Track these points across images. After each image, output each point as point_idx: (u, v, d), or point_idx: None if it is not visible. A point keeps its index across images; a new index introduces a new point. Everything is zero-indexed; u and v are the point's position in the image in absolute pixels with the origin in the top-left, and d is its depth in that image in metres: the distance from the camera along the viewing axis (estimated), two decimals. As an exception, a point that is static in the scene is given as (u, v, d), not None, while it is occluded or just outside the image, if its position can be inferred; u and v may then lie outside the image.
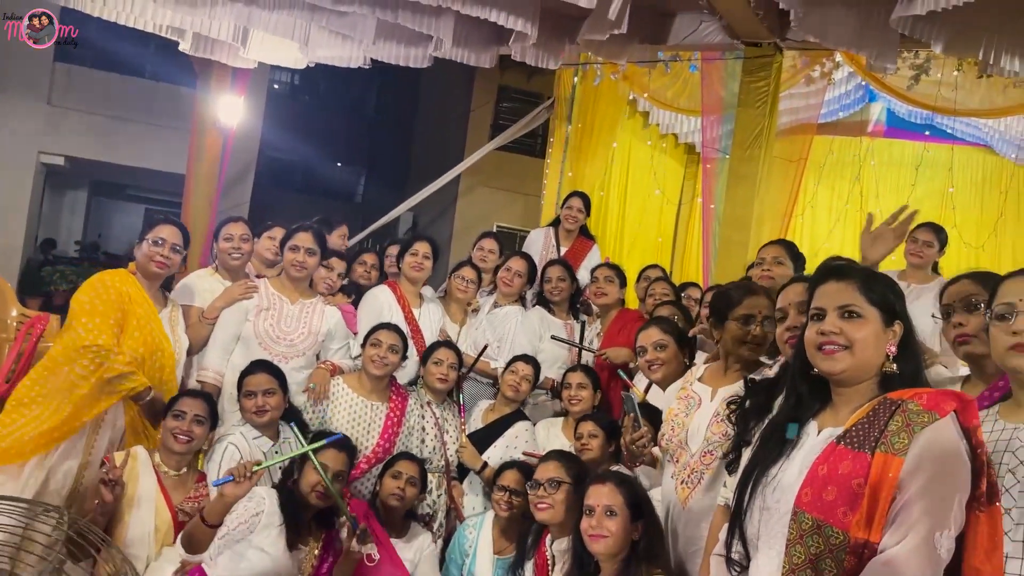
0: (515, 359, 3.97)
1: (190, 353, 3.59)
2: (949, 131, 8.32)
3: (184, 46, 7.23)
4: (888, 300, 1.71)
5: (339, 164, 19.19)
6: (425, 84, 15.39)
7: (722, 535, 1.86)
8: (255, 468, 2.76)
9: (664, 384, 3.00)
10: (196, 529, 2.80)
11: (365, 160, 19.69)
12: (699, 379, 2.71)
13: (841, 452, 1.59)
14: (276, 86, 16.33)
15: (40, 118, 11.93)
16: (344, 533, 2.97)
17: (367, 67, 7.24)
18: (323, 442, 2.94)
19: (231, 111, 9.19)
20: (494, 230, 12.58)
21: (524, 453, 3.66)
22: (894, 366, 1.68)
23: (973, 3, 3.80)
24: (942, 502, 1.48)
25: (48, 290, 11.89)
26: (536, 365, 3.95)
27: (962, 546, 1.52)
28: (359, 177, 20.28)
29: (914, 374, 1.69)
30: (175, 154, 12.17)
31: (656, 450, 2.85)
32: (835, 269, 1.79)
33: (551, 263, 4.63)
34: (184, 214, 9.34)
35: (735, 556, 1.77)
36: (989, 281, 2.04)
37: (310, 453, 2.85)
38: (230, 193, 11.59)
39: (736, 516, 1.77)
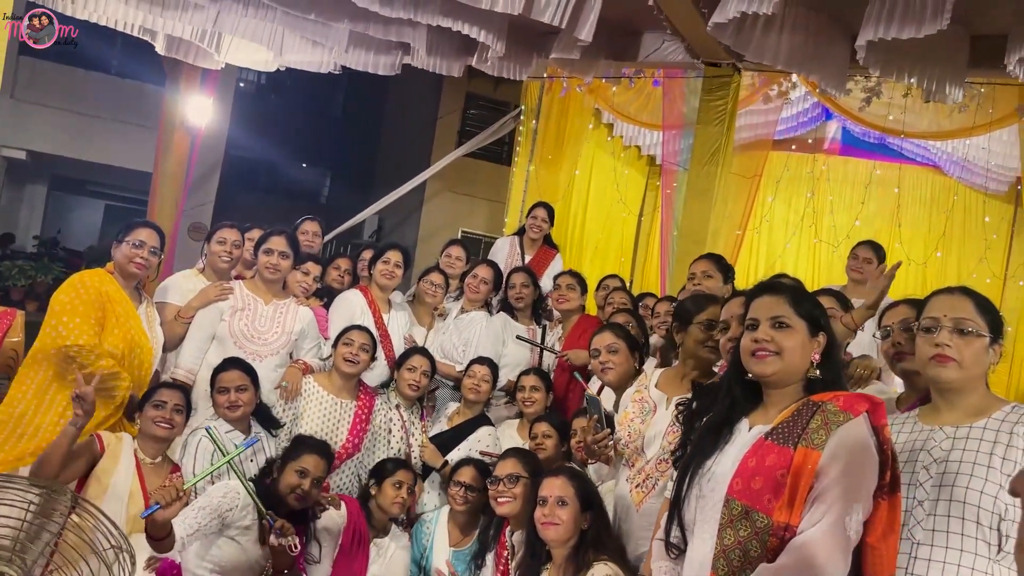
0: (472, 362, 4.14)
1: (164, 350, 3.71)
2: (898, 151, 8.64)
3: (158, 47, 7.29)
4: (814, 314, 1.93)
5: (304, 165, 19.12)
6: (393, 88, 15.49)
7: (663, 521, 2.06)
8: (183, 487, 2.69)
9: (615, 386, 3.19)
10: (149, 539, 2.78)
11: (331, 162, 19.65)
12: (656, 385, 2.91)
13: (768, 446, 1.80)
14: (242, 85, 16.29)
15: (3, 111, 11.82)
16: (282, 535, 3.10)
17: (337, 72, 7.37)
18: (241, 448, 2.97)
19: (200, 111, 9.23)
20: (459, 235, 12.76)
21: (480, 452, 3.85)
22: (817, 372, 1.89)
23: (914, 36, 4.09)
24: (853, 490, 1.69)
25: (5, 285, 11.77)
26: (493, 366, 4.13)
27: (865, 528, 1.73)
28: (324, 178, 20.21)
29: (834, 379, 1.91)
30: (138, 151, 12.14)
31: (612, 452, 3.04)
32: (769, 285, 2.01)
33: (515, 270, 4.82)
34: (150, 212, 9.34)
35: (674, 540, 1.98)
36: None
37: (231, 463, 2.85)
38: (195, 192, 11.61)
39: (675, 503, 1.97)
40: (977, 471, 1.88)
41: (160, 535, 2.63)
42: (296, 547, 2.94)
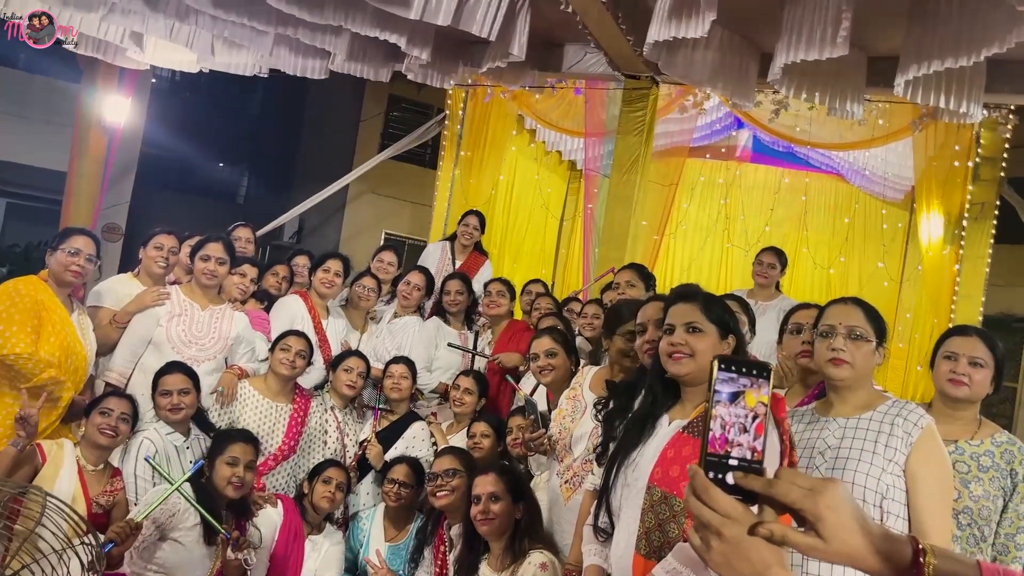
0: (389, 363, 4.27)
1: (98, 355, 3.73)
2: (805, 160, 9.09)
3: (70, 45, 7.13)
4: (724, 319, 2.15)
5: (221, 164, 18.75)
6: (313, 88, 15.32)
7: (592, 508, 2.26)
8: (135, 521, 2.76)
9: (553, 387, 3.38)
10: None
11: (248, 161, 19.31)
12: (588, 386, 3.11)
13: (685, 439, 2.02)
14: (154, 80, 15.89)
15: (-98, 107, 11.28)
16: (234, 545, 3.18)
17: (264, 75, 7.37)
18: (188, 475, 3.02)
19: (118, 110, 9.05)
20: (382, 237, 12.79)
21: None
22: (728, 371, 2.11)
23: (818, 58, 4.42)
24: None
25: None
26: (411, 364, 4.26)
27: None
28: (242, 178, 19.84)
29: (743, 377, 2.13)
30: (47, 149, 11.74)
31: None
32: (683, 292, 2.23)
33: (450, 277, 4.94)
34: (65, 212, 9.12)
35: (602, 524, 2.18)
36: None
37: (180, 490, 2.91)
38: (110, 192, 11.31)
39: (603, 491, 2.17)
40: (864, 456, 2.15)
41: (114, 567, 2.72)
42: (252, 561, 3.05)
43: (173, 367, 3.51)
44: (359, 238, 12.77)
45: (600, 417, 2.62)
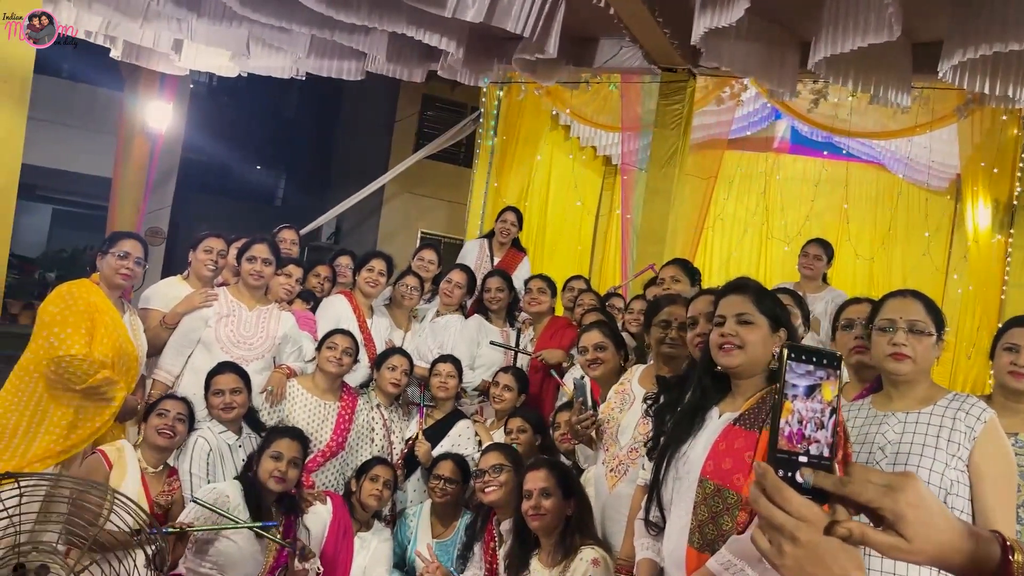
0: (435, 361, 4.29)
1: (148, 355, 3.81)
2: (846, 149, 8.96)
3: (115, 53, 7.27)
4: (775, 311, 2.13)
5: (259, 167, 19.01)
6: (347, 89, 15.48)
7: (643, 502, 2.25)
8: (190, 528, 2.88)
9: (602, 381, 3.38)
10: None
11: (285, 163, 19.54)
12: (637, 380, 3.10)
13: (736, 431, 2.00)
14: (192, 86, 16.14)
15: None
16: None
17: (301, 78, 7.45)
18: (259, 524, 3.07)
19: (160, 116, 9.21)
20: (418, 236, 12.87)
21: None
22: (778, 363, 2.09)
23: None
24: None
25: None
26: (457, 362, 4.27)
27: None
28: (279, 180, 20.08)
29: (794, 369, 2.11)
30: (91, 156, 11.99)
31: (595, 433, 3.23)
32: (735, 284, 2.21)
33: (491, 274, 4.95)
34: (110, 218, 9.31)
35: (653, 519, 2.17)
36: None
37: (231, 518, 2.99)
38: (152, 196, 11.52)
39: (654, 486, 2.17)
40: (926, 451, 2.11)
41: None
42: (320, 569, 3.10)
43: (225, 367, 3.58)
44: (395, 237, 12.86)
45: (651, 412, 2.61)
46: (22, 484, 1.97)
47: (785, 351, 0.96)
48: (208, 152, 15.66)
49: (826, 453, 0.94)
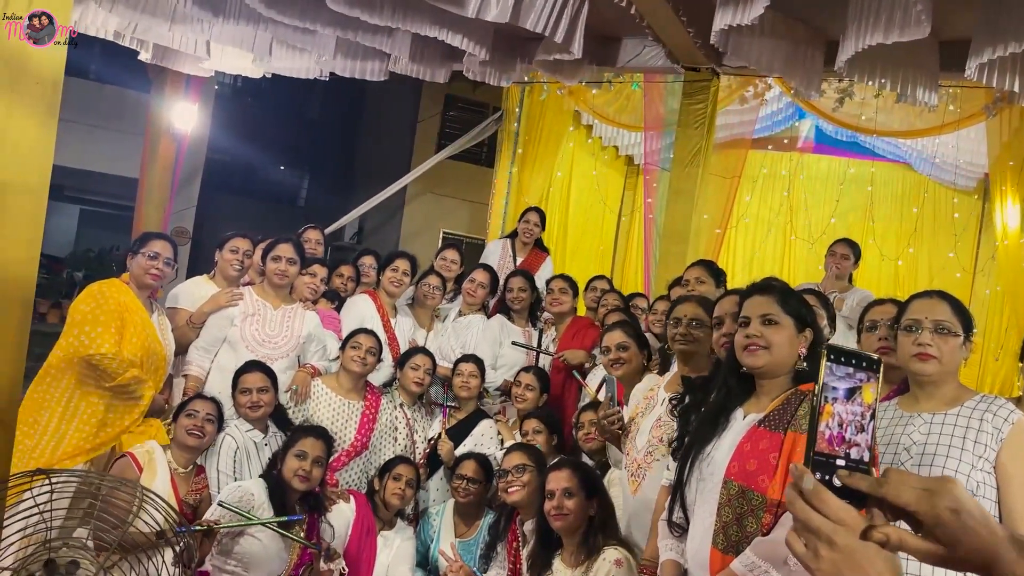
0: (458, 361, 4.31)
1: (176, 354, 3.86)
2: (871, 149, 8.87)
3: (144, 56, 7.34)
4: (800, 312, 2.12)
5: (282, 167, 19.14)
6: (369, 89, 15.51)
7: (666, 503, 2.25)
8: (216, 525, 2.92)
9: (624, 380, 3.38)
10: None
11: (308, 164, 19.65)
12: (665, 385, 3.10)
13: (761, 432, 1.99)
14: (217, 87, 16.28)
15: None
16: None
17: (324, 79, 7.49)
18: (284, 518, 3.11)
19: (185, 117, 9.30)
20: (440, 236, 12.90)
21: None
22: (804, 364, 2.09)
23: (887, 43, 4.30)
24: None
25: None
26: (479, 362, 4.29)
27: None
28: (302, 180, 20.21)
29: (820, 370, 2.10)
30: (118, 157, 12.12)
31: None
32: (759, 286, 2.21)
33: (513, 274, 4.96)
34: (137, 218, 9.41)
35: (676, 519, 2.17)
36: None
37: (256, 517, 3.04)
38: (178, 196, 11.63)
39: (677, 486, 2.16)
40: (952, 452, 2.09)
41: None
42: (345, 570, 3.13)
43: (252, 366, 3.62)
44: (418, 237, 12.90)
45: (676, 411, 2.60)
46: (53, 481, 2.00)
47: (824, 352, 0.94)
48: (232, 153, 15.79)
49: (866, 457, 0.93)
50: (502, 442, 4.08)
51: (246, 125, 16.20)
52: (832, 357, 0.94)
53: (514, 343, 4.64)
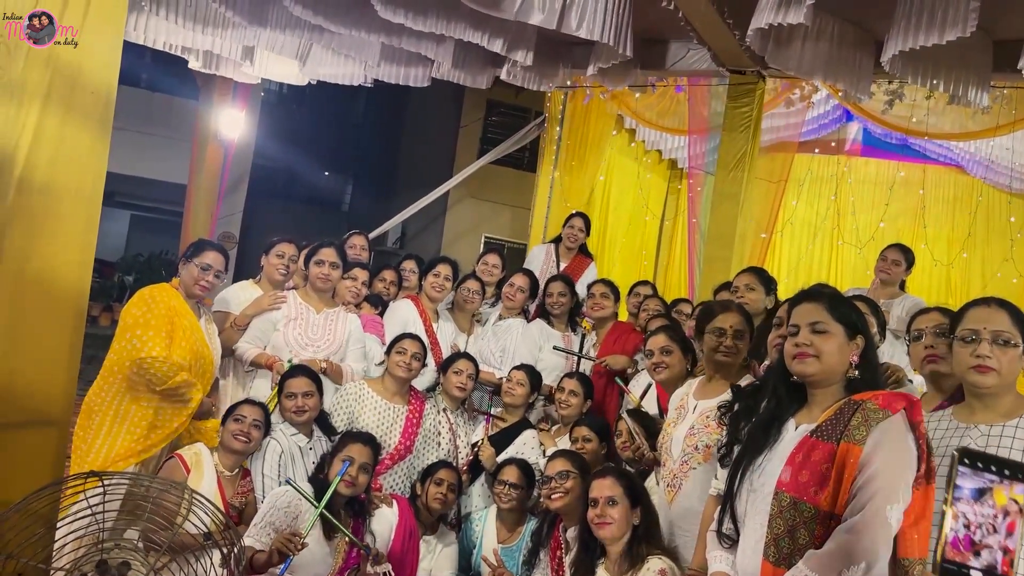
0: (513, 368, 4.30)
1: (222, 357, 3.92)
2: (921, 151, 8.68)
3: (193, 64, 7.49)
4: (851, 319, 2.07)
5: (326, 173, 19.37)
6: (412, 94, 15.65)
7: (716, 514, 2.21)
8: (301, 538, 2.93)
9: (667, 385, 3.35)
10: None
11: (352, 169, 19.87)
12: (693, 392, 3.06)
13: (813, 443, 1.95)
14: (263, 94, 16.55)
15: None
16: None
17: (368, 85, 7.56)
18: (337, 480, 3.14)
19: (232, 124, 9.47)
20: (482, 241, 12.94)
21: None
22: (856, 372, 2.04)
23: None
24: (893, 482, 1.84)
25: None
26: (531, 371, 4.26)
27: None
28: (346, 186, 20.44)
29: (872, 379, 2.05)
30: (167, 163, 12.39)
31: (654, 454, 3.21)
32: (808, 292, 2.16)
33: (553, 279, 4.92)
34: (185, 224, 9.60)
35: (726, 531, 2.13)
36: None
37: (323, 513, 3.09)
38: (224, 202, 11.85)
39: (727, 497, 2.13)
40: None
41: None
42: (391, 574, 3.15)
43: (298, 370, 3.65)
44: (460, 242, 12.96)
45: (725, 419, 2.56)
46: (106, 483, 2.03)
47: (956, 454, 0.88)
48: (278, 159, 16.02)
49: (1000, 559, 0.87)
50: (544, 452, 4.06)
51: (291, 132, 16.45)
52: (965, 460, 0.88)
53: (555, 347, 4.62)
